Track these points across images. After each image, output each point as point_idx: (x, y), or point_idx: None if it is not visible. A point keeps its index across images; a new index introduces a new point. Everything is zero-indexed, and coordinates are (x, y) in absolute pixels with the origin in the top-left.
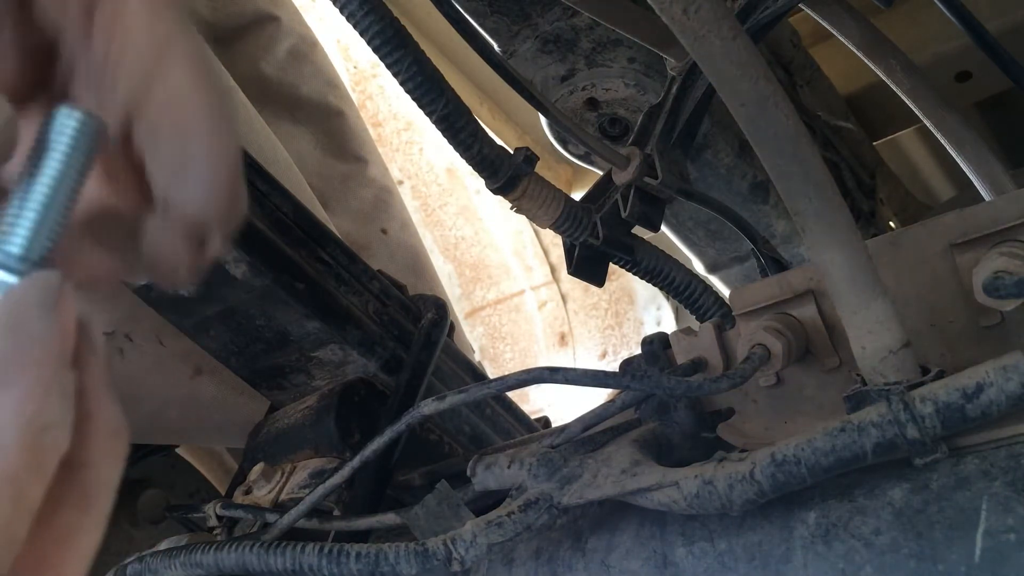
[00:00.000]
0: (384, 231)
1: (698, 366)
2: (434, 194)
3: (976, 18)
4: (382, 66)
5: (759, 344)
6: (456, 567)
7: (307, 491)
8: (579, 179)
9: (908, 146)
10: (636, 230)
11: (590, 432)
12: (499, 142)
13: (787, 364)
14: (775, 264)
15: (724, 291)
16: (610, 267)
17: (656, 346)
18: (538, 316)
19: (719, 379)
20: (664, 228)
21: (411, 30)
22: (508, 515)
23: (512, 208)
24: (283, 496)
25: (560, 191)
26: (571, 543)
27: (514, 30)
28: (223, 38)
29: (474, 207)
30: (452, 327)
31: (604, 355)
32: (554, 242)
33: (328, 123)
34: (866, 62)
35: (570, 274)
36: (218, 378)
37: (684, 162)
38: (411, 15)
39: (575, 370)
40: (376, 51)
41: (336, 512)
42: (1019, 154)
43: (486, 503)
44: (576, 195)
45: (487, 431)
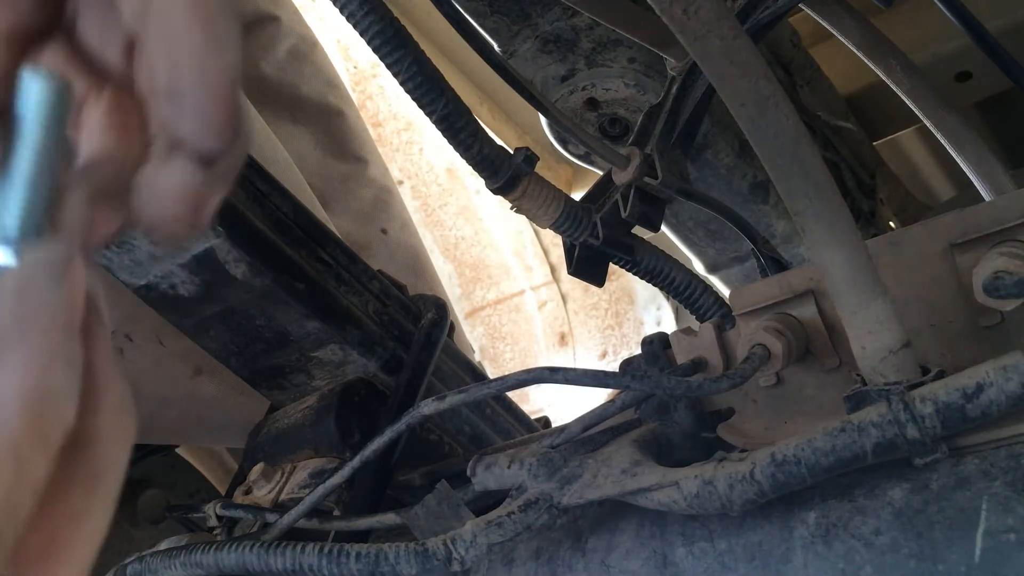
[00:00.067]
0: (384, 231)
1: (698, 366)
2: (434, 194)
3: (976, 18)
4: (382, 66)
5: (759, 344)
6: (456, 567)
7: (307, 491)
8: (579, 179)
9: (908, 146)
10: (636, 230)
11: (590, 432)
12: (499, 142)
13: (787, 364)
14: (775, 264)
15: (724, 291)
16: (610, 267)
17: (656, 346)
18: (538, 316)
19: (719, 379)
20: (664, 228)
21: (411, 30)
22: (508, 515)
23: (512, 208)
24: (283, 496)
25: (560, 191)
26: (571, 543)
27: (514, 30)
28: None
29: (474, 207)
30: (452, 327)
31: (604, 355)
32: (554, 242)
33: (328, 123)
34: (866, 62)
35: (570, 274)
36: (218, 378)
37: (684, 162)
38: (411, 15)
39: (575, 370)
40: (376, 51)
41: (336, 512)
42: (1019, 154)
43: (486, 503)
44: (576, 195)
45: (487, 431)
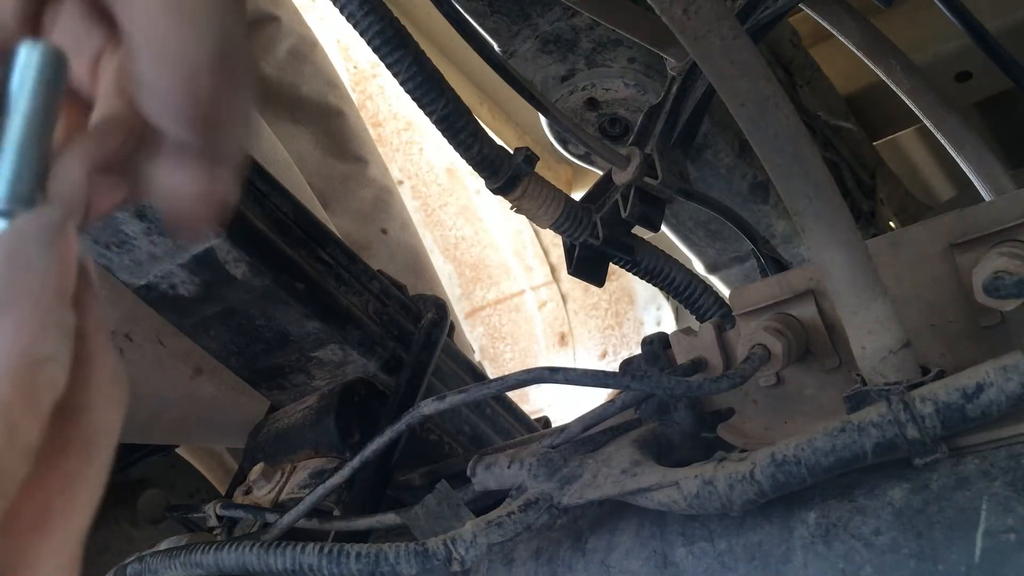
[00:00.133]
0: (384, 231)
1: (698, 366)
2: (434, 194)
3: (976, 18)
4: (382, 66)
5: (759, 344)
6: (456, 567)
7: (307, 491)
8: (579, 179)
9: (908, 146)
10: (636, 230)
11: (590, 432)
12: (499, 142)
13: (787, 364)
14: (775, 264)
15: (724, 291)
16: (610, 267)
17: (656, 346)
18: (538, 316)
19: (719, 379)
20: (664, 228)
21: (411, 30)
22: (508, 515)
23: (512, 208)
24: (283, 496)
25: (560, 191)
26: (571, 543)
27: (514, 30)
28: None
29: (474, 207)
30: (452, 327)
31: (604, 355)
32: (554, 242)
33: (328, 123)
34: (866, 62)
35: (570, 274)
36: (218, 378)
37: (684, 162)
38: (411, 15)
39: (575, 370)
40: (376, 51)
41: (336, 512)
42: (1019, 154)
43: (486, 503)
44: (576, 195)
45: (487, 431)
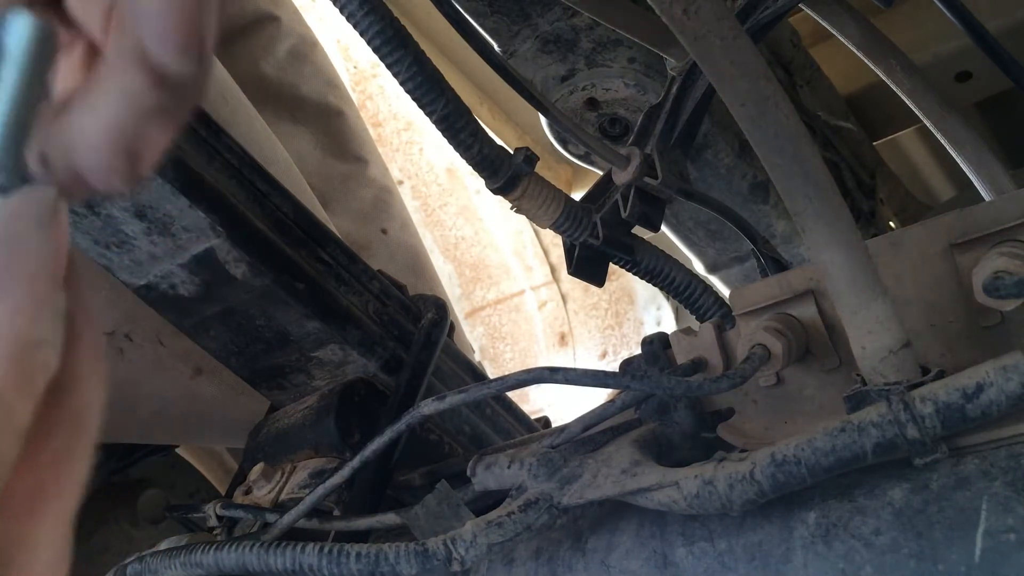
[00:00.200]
0: (384, 231)
1: (698, 366)
2: (434, 194)
3: (976, 18)
4: (382, 66)
5: (759, 344)
6: (456, 567)
7: (307, 491)
8: (579, 179)
9: (908, 146)
10: (636, 230)
11: (590, 432)
12: (499, 142)
13: (787, 364)
14: (775, 264)
15: (724, 291)
16: (610, 267)
17: (656, 346)
18: (538, 316)
19: (719, 379)
20: (664, 228)
21: (411, 30)
22: (508, 515)
23: (512, 208)
24: (283, 496)
25: (560, 191)
26: (571, 543)
27: (514, 30)
28: (223, 38)
29: (474, 207)
30: (452, 327)
31: (604, 355)
32: (554, 242)
33: (328, 123)
34: (866, 62)
35: (570, 274)
36: (218, 378)
37: (684, 162)
38: (411, 15)
39: (575, 370)
40: (376, 51)
41: (336, 512)
42: (1019, 154)
43: (486, 503)
44: (576, 195)
45: (487, 431)
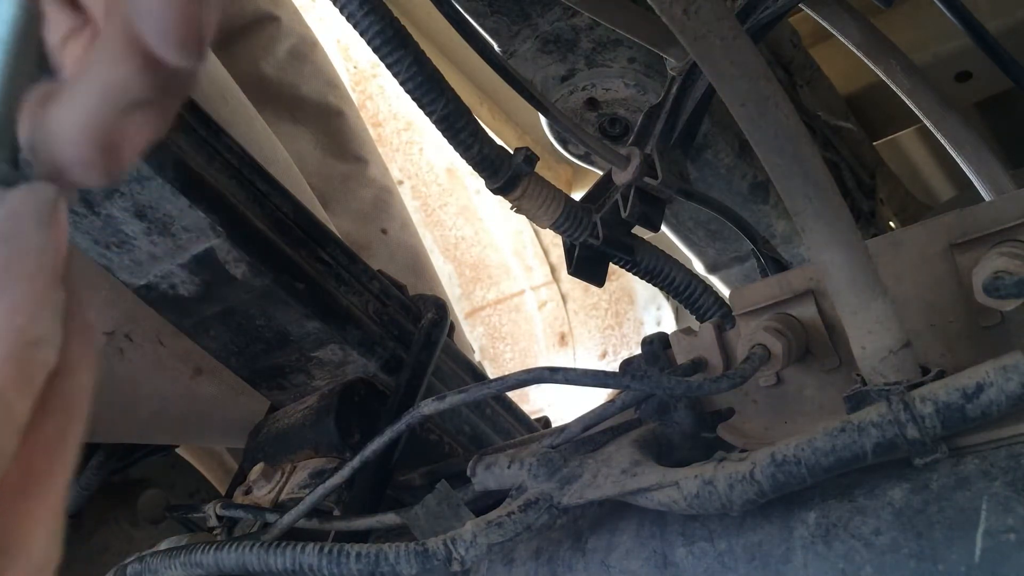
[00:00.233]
0: (384, 231)
1: (698, 366)
2: (434, 194)
3: (976, 18)
4: (382, 66)
5: (759, 344)
6: (456, 567)
7: (307, 491)
8: (579, 179)
9: (908, 146)
10: (636, 230)
11: (590, 432)
12: (499, 142)
13: (787, 364)
14: (775, 264)
15: (724, 291)
16: (610, 267)
17: (656, 346)
18: (538, 316)
19: (719, 379)
20: (664, 228)
21: (411, 30)
22: (508, 515)
23: (512, 208)
24: (283, 496)
25: (560, 191)
26: (571, 543)
27: (514, 30)
28: (223, 38)
29: (474, 207)
30: (452, 327)
31: (604, 355)
32: (554, 242)
33: (328, 123)
34: (866, 62)
35: (570, 274)
36: (218, 378)
37: (684, 162)
38: (411, 15)
39: (575, 370)
40: (376, 51)
41: (336, 512)
42: (1019, 154)
43: (486, 503)
44: (576, 195)
45: (487, 431)
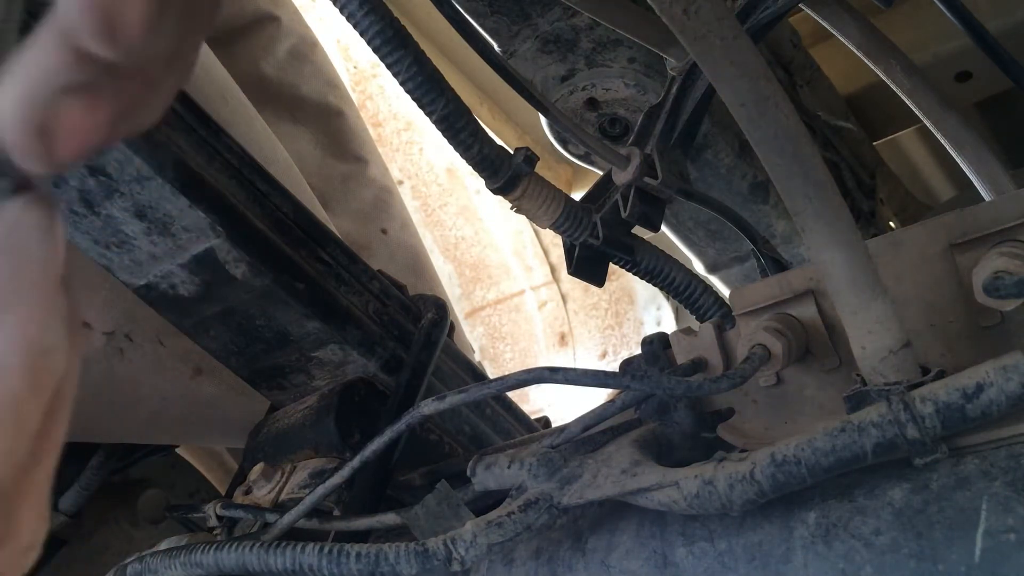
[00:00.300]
0: (384, 231)
1: (698, 366)
2: (434, 194)
3: (976, 18)
4: (382, 66)
5: (759, 344)
6: (456, 567)
7: (307, 491)
8: (579, 179)
9: (908, 146)
10: (636, 230)
11: (590, 432)
12: (499, 142)
13: (787, 364)
14: (775, 264)
15: (724, 291)
16: (610, 267)
17: (656, 346)
18: (538, 316)
19: (719, 379)
20: (664, 228)
21: (411, 30)
22: (508, 515)
23: (512, 208)
24: (283, 496)
25: (560, 191)
26: (571, 543)
27: (514, 30)
28: (223, 38)
29: (474, 207)
30: (452, 327)
31: (604, 355)
32: (554, 242)
33: (328, 123)
34: (866, 62)
35: (570, 274)
36: (218, 378)
37: (684, 162)
38: (411, 15)
39: (575, 370)
40: (376, 51)
41: (336, 512)
42: (1019, 154)
43: (486, 503)
44: (576, 195)
45: (487, 431)
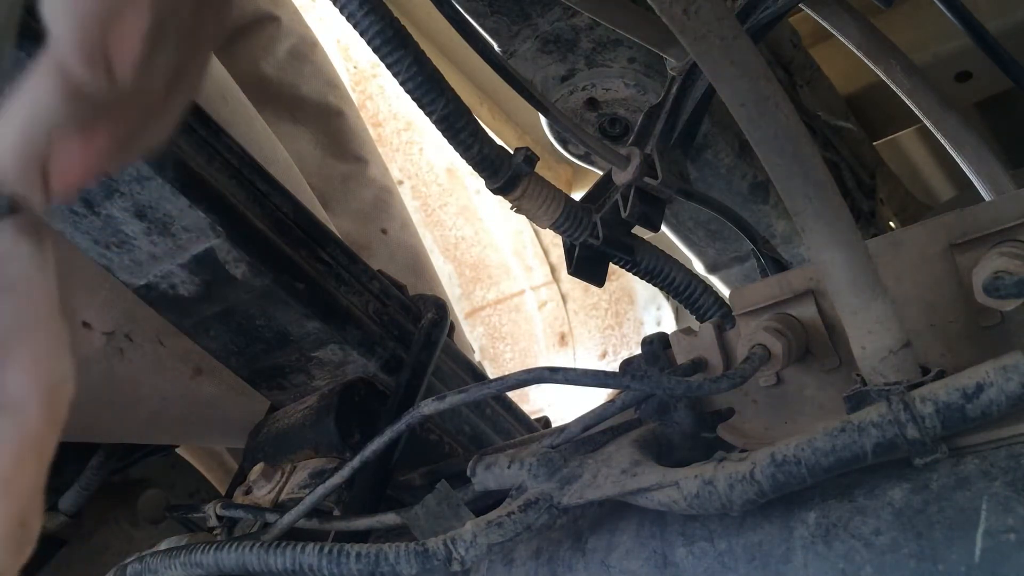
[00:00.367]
0: (384, 231)
1: (698, 366)
2: (434, 194)
3: (976, 18)
4: (382, 66)
5: (759, 344)
6: (456, 567)
7: (307, 491)
8: (579, 179)
9: (908, 146)
10: (636, 230)
11: (590, 432)
12: (499, 142)
13: (787, 364)
14: (775, 264)
15: (724, 291)
16: (610, 267)
17: (656, 346)
18: (538, 316)
19: (719, 379)
20: (664, 228)
21: (411, 30)
22: (508, 515)
23: (512, 208)
24: (283, 496)
25: (560, 191)
26: (571, 543)
27: (514, 30)
28: (223, 38)
29: (474, 207)
30: (452, 327)
31: (604, 355)
32: (554, 242)
33: (328, 123)
34: (866, 62)
35: (570, 274)
36: (218, 378)
37: (684, 162)
38: (411, 15)
39: (575, 370)
40: (376, 51)
41: (336, 512)
42: (1019, 154)
43: (486, 503)
44: (576, 195)
45: (487, 431)
